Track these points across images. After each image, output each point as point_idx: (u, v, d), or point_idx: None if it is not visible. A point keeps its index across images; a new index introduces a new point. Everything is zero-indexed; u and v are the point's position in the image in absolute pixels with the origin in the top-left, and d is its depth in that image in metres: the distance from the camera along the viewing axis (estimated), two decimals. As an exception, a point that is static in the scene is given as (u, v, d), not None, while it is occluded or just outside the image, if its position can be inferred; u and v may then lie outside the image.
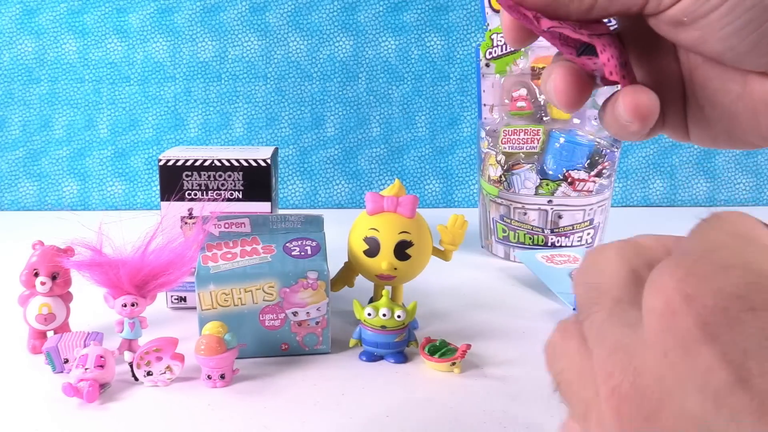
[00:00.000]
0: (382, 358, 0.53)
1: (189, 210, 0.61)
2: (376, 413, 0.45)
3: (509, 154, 0.80)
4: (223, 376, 0.48)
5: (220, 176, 0.61)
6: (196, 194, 0.61)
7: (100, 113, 1.07)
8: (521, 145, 0.79)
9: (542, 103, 0.79)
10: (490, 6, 0.79)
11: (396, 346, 0.53)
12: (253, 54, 1.07)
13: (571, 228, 0.79)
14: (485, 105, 0.81)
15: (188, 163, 0.61)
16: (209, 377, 0.48)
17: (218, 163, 0.61)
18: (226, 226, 0.55)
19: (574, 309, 0.60)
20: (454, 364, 0.51)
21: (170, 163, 0.61)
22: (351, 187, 1.11)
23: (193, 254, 0.53)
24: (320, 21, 1.07)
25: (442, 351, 0.52)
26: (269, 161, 0.61)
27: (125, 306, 0.52)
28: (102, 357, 0.47)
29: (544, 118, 0.79)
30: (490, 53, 0.79)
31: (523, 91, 0.78)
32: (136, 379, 0.49)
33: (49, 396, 0.47)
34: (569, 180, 0.78)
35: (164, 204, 0.61)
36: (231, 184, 0.61)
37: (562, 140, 0.78)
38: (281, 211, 0.84)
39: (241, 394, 0.48)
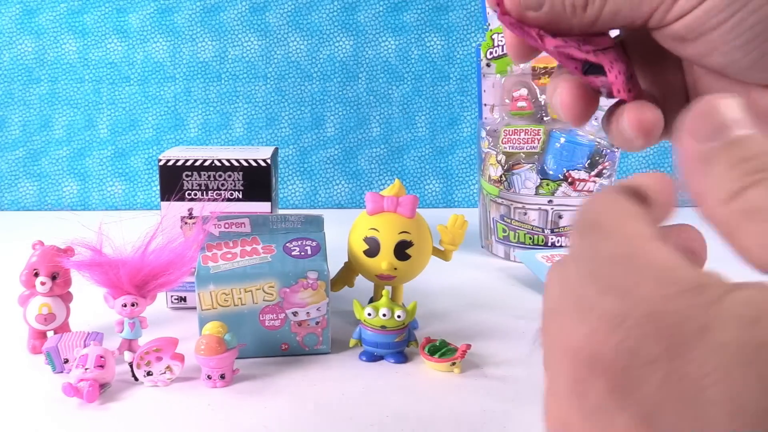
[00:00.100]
0: (382, 358, 0.53)
1: (189, 210, 0.61)
2: (376, 413, 0.45)
3: (510, 154, 0.80)
4: (223, 376, 0.48)
5: (220, 176, 0.61)
6: (196, 194, 0.61)
7: (100, 113, 1.07)
8: (522, 145, 0.79)
9: (543, 103, 0.79)
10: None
11: (396, 346, 0.53)
12: (253, 54, 1.07)
13: (571, 228, 0.79)
14: (486, 105, 0.81)
15: (188, 163, 0.61)
16: (209, 377, 0.48)
17: (218, 163, 0.61)
18: (226, 226, 0.55)
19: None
20: (454, 364, 0.51)
21: (170, 163, 0.61)
22: (351, 187, 1.11)
23: (193, 254, 0.53)
24: (320, 21, 1.07)
25: (442, 351, 0.52)
26: (269, 161, 0.61)
27: (125, 306, 0.52)
28: (102, 357, 0.47)
29: (545, 118, 0.79)
30: (491, 53, 0.79)
31: (524, 91, 0.78)
32: (136, 379, 0.49)
33: (49, 396, 0.47)
34: (569, 180, 0.78)
35: (164, 204, 0.61)
36: (231, 184, 0.61)
37: (562, 140, 0.78)
38: (281, 211, 0.84)
39: (241, 394, 0.48)
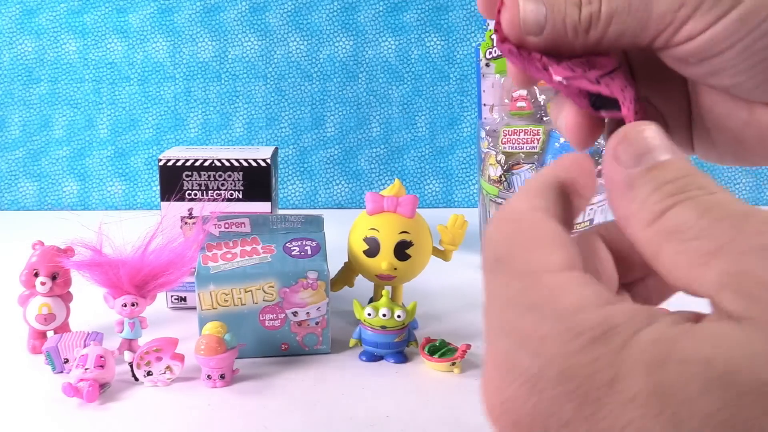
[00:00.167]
0: (382, 358, 0.53)
1: (189, 210, 0.61)
2: (376, 413, 0.45)
3: (509, 154, 0.80)
4: (223, 376, 0.48)
5: (220, 176, 0.61)
6: (196, 194, 0.61)
7: (100, 113, 1.07)
8: (521, 145, 0.79)
9: (542, 103, 0.79)
10: (490, 6, 0.79)
11: (396, 346, 0.53)
12: (253, 54, 1.07)
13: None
14: (485, 105, 0.81)
15: (188, 163, 0.61)
16: (209, 377, 0.48)
17: (218, 163, 0.61)
18: (226, 226, 0.55)
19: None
20: (454, 364, 0.51)
21: (170, 163, 0.61)
22: (351, 187, 1.11)
23: (193, 254, 0.53)
24: (320, 21, 1.07)
25: (442, 351, 0.52)
26: (269, 161, 0.61)
27: (125, 306, 0.52)
28: (102, 357, 0.47)
29: (544, 118, 0.79)
30: (490, 53, 0.79)
31: (523, 91, 0.79)
32: (136, 379, 0.49)
33: (49, 396, 0.47)
34: (569, 180, 0.78)
35: (164, 204, 0.61)
36: (231, 184, 0.61)
37: (562, 140, 0.78)
38: (281, 211, 0.84)
39: (241, 394, 0.48)
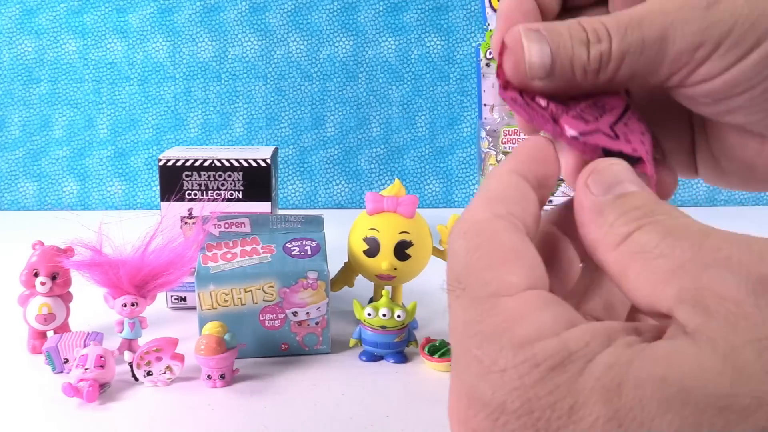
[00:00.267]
0: (382, 358, 0.53)
1: (189, 210, 0.61)
2: (376, 413, 0.45)
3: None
4: (223, 376, 0.48)
5: (220, 176, 0.61)
6: (196, 194, 0.61)
7: (100, 113, 1.07)
8: (521, 145, 0.79)
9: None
10: (491, 6, 0.79)
11: (396, 346, 0.53)
12: (253, 54, 1.07)
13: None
14: (485, 105, 0.81)
15: (188, 163, 0.61)
16: (209, 377, 0.48)
17: (218, 163, 0.61)
18: (226, 226, 0.55)
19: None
20: (454, 364, 0.51)
21: (170, 163, 0.61)
22: (351, 187, 1.11)
23: (193, 254, 0.53)
24: (320, 21, 1.07)
25: (442, 351, 0.52)
26: (269, 161, 0.61)
27: (125, 306, 0.52)
28: (102, 357, 0.47)
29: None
30: (491, 53, 0.79)
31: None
32: (136, 379, 0.49)
33: (49, 396, 0.47)
34: (569, 180, 0.78)
35: (164, 204, 0.61)
36: (231, 184, 0.61)
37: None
38: (281, 211, 0.84)
39: (241, 394, 0.48)
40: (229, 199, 0.61)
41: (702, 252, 0.16)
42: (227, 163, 0.61)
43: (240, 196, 0.61)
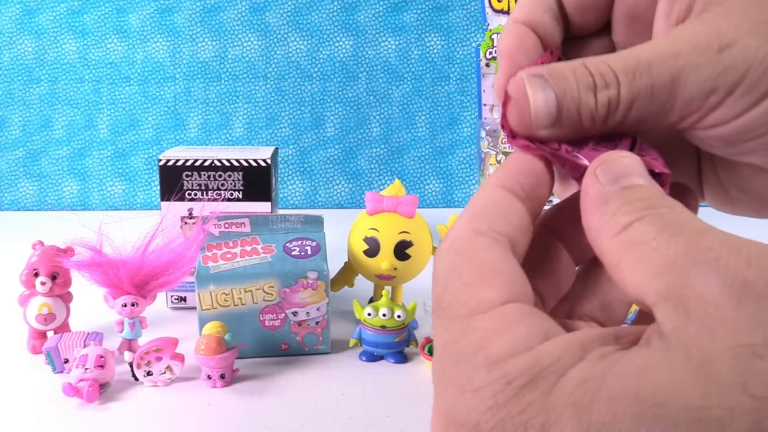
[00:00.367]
0: (382, 358, 0.53)
1: (189, 210, 0.61)
2: (376, 413, 0.45)
3: (509, 154, 0.80)
4: (223, 376, 0.48)
5: (220, 176, 0.61)
6: (196, 194, 0.61)
7: (100, 113, 1.07)
8: (521, 145, 0.79)
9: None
10: (491, 6, 0.79)
11: (396, 346, 0.53)
12: (253, 54, 1.07)
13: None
14: (485, 105, 0.81)
15: (188, 163, 0.61)
16: (209, 377, 0.48)
17: (218, 163, 0.61)
18: (226, 226, 0.55)
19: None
20: (454, 364, 0.51)
21: (170, 163, 0.61)
22: (351, 187, 1.11)
23: (193, 254, 0.53)
24: (320, 21, 1.07)
25: (442, 351, 0.52)
26: (269, 161, 0.61)
27: (125, 306, 0.52)
28: (102, 357, 0.47)
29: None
30: (490, 53, 0.79)
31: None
32: (136, 379, 0.49)
33: (49, 396, 0.47)
34: (569, 180, 0.78)
35: (164, 204, 0.61)
36: (231, 184, 0.61)
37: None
38: (281, 211, 0.84)
39: (241, 394, 0.48)
40: (229, 199, 0.61)
41: (694, 250, 0.16)
42: (227, 163, 0.61)
43: (240, 196, 0.61)
